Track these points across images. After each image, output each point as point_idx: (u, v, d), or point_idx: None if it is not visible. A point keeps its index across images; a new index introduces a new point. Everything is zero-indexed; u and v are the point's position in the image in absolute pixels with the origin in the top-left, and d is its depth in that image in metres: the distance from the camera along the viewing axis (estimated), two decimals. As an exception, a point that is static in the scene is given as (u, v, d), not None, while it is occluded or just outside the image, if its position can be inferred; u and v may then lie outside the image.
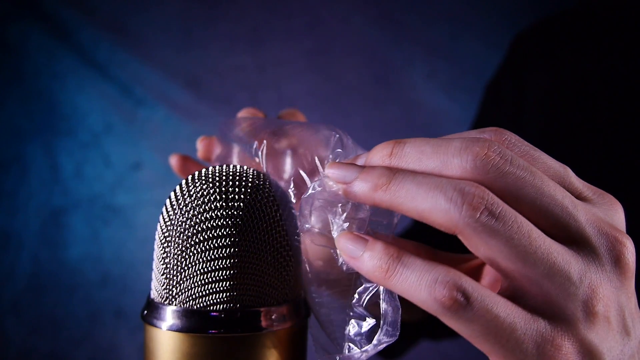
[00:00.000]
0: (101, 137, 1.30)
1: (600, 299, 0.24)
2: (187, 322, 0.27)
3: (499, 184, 0.25)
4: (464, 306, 0.23)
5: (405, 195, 0.25)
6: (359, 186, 0.27)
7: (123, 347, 1.30)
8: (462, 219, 0.24)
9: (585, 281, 0.24)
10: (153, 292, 0.30)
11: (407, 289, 0.25)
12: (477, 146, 0.25)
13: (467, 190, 0.24)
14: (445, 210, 0.24)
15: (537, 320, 0.24)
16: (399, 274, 0.25)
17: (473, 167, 0.25)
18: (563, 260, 0.24)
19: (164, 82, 1.32)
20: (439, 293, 0.24)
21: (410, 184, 0.25)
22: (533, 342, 0.24)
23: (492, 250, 0.24)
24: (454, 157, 0.25)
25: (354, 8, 1.33)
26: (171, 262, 0.28)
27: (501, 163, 0.25)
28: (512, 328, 0.24)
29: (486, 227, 0.24)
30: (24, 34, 1.28)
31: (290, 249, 0.30)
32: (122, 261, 1.30)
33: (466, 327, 0.24)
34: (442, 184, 0.24)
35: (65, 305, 1.29)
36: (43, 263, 1.28)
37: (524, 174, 0.25)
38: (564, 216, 0.25)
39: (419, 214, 0.25)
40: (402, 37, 1.31)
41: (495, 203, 0.24)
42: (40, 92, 1.29)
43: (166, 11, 1.32)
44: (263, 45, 1.33)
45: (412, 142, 0.27)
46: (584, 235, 0.25)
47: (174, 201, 0.29)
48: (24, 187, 1.29)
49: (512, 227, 0.24)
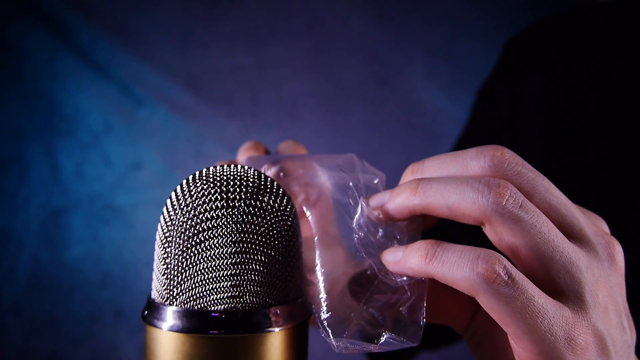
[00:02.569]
0: (101, 137, 1.31)
1: (602, 289, 0.26)
2: (188, 323, 0.27)
3: (515, 180, 0.27)
4: (506, 282, 0.24)
5: (434, 194, 0.27)
6: (392, 203, 0.29)
7: (123, 347, 1.30)
8: (491, 206, 0.25)
9: (590, 272, 0.26)
10: (154, 293, 0.30)
11: (448, 269, 0.26)
12: (492, 149, 0.27)
13: (492, 181, 0.26)
14: (473, 200, 0.26)
15: (561, 306, 0.25)
16: (439, 256, 0.26)
17: (491, 166, 0.27)
18: (573, 251, 0.26)
19: (164, 82, 1.32)
20: (482, 268, 0.24)
21: (437, 184, 0.27)
22: (561, 327, 0.24)
23: (516, 237, 0.25)
24: (472, 160, 0.27)
25: (354, 8, 1.33)
26: (172, 262, 0.28)
27: (515, 163, 0.27)
28: (545, 310, 0.24)
29: (512, 214, 0.25)
30: (24, 34, 1.28)
31: (291, 249, 0.30)
32: (122, 261, 1.30)
33: (506, 304, 0.24)
34: (468, 179, 0.26)
35: (65, 305, 1.29)
36: (43, 263, 1.28)
37: (534, 175, 0.27)
38: (569, 215, 0.27)
39: (449, 208, 0.27)
40: (402, 37, 1.31)
41: (518, 193, 0.26)
42: (40, 92, 1.29)
43: (166, 11, 1.32)
44: (263, 45, 1.33)
45: (431, 158, 0.29)
46: (586, 234, 0.27)
47: (174, 201, 0.29)
48: (24, 187, 1.29)
49: (534, 216, 0.25)
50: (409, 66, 1.31)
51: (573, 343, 0.24)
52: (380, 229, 0.31)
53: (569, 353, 0.24)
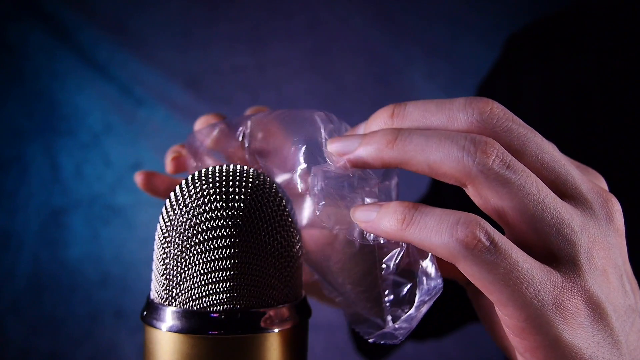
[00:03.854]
0: (101, 137, 1.31)
1: (599, 251, 0.24)
2: (187, 323, 0.27)
3: (504, 138, 0.25)
4: (487, 247, 0.23)
5: (414, 148, 0.25)
6: (363, 150, 0.26)
7: (123, 347, 1.30)
8: (476, 166, 0.23)
9: (585, 233, 0.24)
10: (153, 293, 0.30)
11: (426, 236, 0.24)
12: (482, 102, 0.25)
13: (479, 139, 0.24)
14: (457, 159, 0.24)
15: (550, 270, 0.23)
16: (416, 221, 0.24)
17: (479, 121, 0.25)
18: (566, 211, 0.24)
19: (164, 82, 1.32)
20: (462, 233, 0.23)
21: (419, 137, 0.25)
22: (548, 293, 0.23)
23: (503, 199, 0.24)
24: (459, 111, 0.25)
25: (354, 8, 1.33)
26: (171, 262, 0.28)
27: (505, 118, 0.25)
28: (531, 276, 0.23)
29: (499, 175, 0.23)
30: (24, 34, 1.28)
31: (291, 249, 0.30)
32: (122, 261, 1.30)
33: (488, 271, 0.23)
34: (453, 135, 0.24)
35: (65, 305, 1.29)
36: (43, 263, 1.28)
37: (526, 131, 0.25)
38: (563, 173, 0.25)
39: (430, 166, 0.24)
40: (402, 37, 1.31)
41: (505, 152, 0.24)
42: (40, 92, 1.29)
43: (166, 11, 1.32)
44: (263, 45, 1.33)
45: (415, 102, 0.27)
46: (581, 192, 0.25)
47: (173, 201, 0.29)
48: (24, 187, 1.29)
49: (522, 176, 0.24)
50: (409, 66, 1.31)
51: (562, 308, 0.23)
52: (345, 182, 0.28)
53: (558, 319, 0.23)
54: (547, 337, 0.23)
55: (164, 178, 0.47)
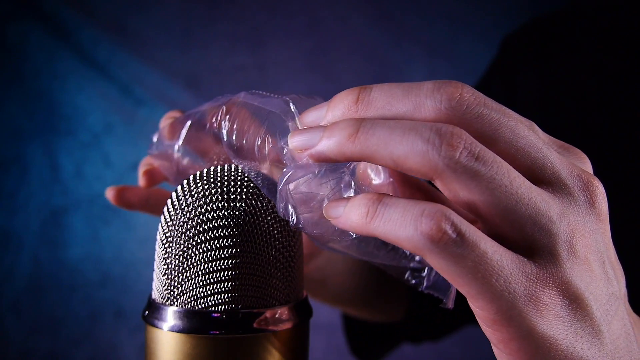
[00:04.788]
0: (101, 137, 1.30)
1: (580, 239, 0.23)
2: (189, 323, 0.27)
3: (475, 125, 0.24)
4: (454, 240, 0.22)
5: (377, 142, 0.23)
6: (324, 145, 0.25)
7: (123, 347, 1.30)
8: (442, 160, 0.22)
9: (564, 221, 0.23)
10: (154, 293, 0.30)
11: (391, 229, 0.23)
12: (451, 87, 0.24)
13: (445, 130, 0.22)
14: (422, 153, 0.22)
15: (523, 261, 0.23)
16: (380, 214, 0.23)
17: (448, 108, 0.23)
18: (543, 200, 0.23)
19: (164, 82, 1.32)
20: (426, 226, 0.22)
21: (382, 129, 0.23)
22: (521, 283, 0.22)
23: (473, 193, 0.23)
24: (427, 98, 0.24)
25: (354, 8, 1.33)
26: (172, 262, 0.28)
27: (476, 103, 0.24)
28: (500, 266, 0.22)
29: (467, 169, 0.22)
30: (24, 34, 1.28)
31: (292, 249, 0.30)
32: (122, 261, 1.30)
33: (455, 264, 0.22)
34: (417, 126, 0.23)
35: (65, 305, 1.29)
36: (43, 263, 1.28)
37: (498, 116, 0.24)
38: (540, 157, 0.24)
39: (394, 160, 0.23)
40: (402, 37, 1.31)
41: (474, 143, 0.23)
42: (40, 92, 1.29)
43: (166, 11, 1.32)
44: (263, 45, 1.33)
45: (380, 86, 0.25)
46: (560, 177, 0.24)
47: (175, 201, 0.29)
48: (24, 187, 1.28)
49: (493, 168, 0.22)
50: (409, 66, 1.31)
51: (536, 300, 0.22)
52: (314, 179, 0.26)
53: (531, 310, 0.22)
54: (519, 328, 0.22)
55: (136, 191, 0.47)
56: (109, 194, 0.46)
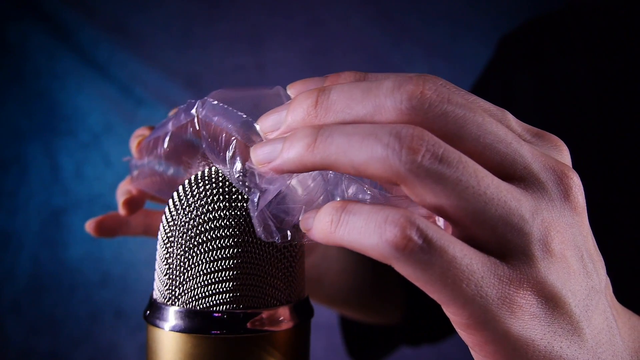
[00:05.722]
0: (101, 137, 1.31)
1: (555, 236, 0.22)
2: (190, 323, 0.27)
3: (438, 123, 0.22)
4: (420, 246, 0.21)
5: (335, 150, 0.22)
6: (285, 157, 0.24)
7: (123, 347, 1.30)
8: (403, 165, 0.21)
9: (538, 218, 0.22)
10: (155, 293, 0.30)
11: (355, 237, 0.22)
12: (412, 84, 0.22)
13: (405, 132, 0.21)
14: (383, 159, 0.21)
15: (496, 263, 0.22)
16: (344, 222, 0.22)
17: (409, 108, 0.22)
18: (513, 198, 0.22)
19: (164, 82, 1.32)
20: (390, 233, 0.21)
21: (340, 136, 0.22)
22: (493, 286, 0.22)
23: (439, 197, 0.21)
24: (387, 98, 0.22)
25: (354, 8, 1.33)
26: (174, 262, 0.28)
27: (438, 101, 0.22)
28: (470, 270, 0.21)
29: (430, 172, 0.21)
30: (24, 34, 1.28)
31: (293, 249, 0.30)
32: (122, 261, 1.30)
33: (423, 271, 0.21)
34: (376, 131, 0.22)
35: (65, 305, 1.29)
36: (43, 263, 1.28)
37: (463, 111, 0.22)
38: (510, 153, 0.23)
39: (356, 168, 0.22)
40: (402, 37, 1.31)
41: (437, 144, 0.21)
42: (40, 92, 1.29)
43: (166, 11, 1.32)
44: (263, 45, 1.33)
45: (339, 87, 0.24)
46: (532, 171, 0.23)
47: (176, 201, 0.29)
48: (24, 187, 1.29)
49: (458, 169, 0.21)
50: (409, 66, 1.31)
51: (510, 302, 0.22)
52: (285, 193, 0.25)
53: (505, 313, 0.22)
54: (494, 332, 0.22)
55: (113, 216, 0.46)
56: (89, 227, 0.45)
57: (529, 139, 0.25)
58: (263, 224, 0.25)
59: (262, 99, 0.28)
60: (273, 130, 0.25)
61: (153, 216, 0.49)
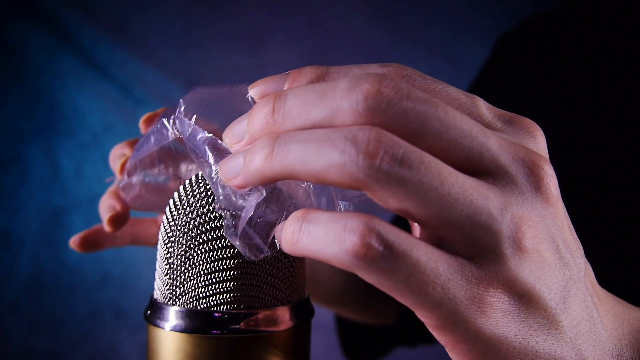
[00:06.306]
0: (101, 137, 1.31)
1: (527, 231, 0.22)
2: (191, 323, 0.28)
3: (398, 122, 0.21)
4: (381, 253, 0.20)
5: (293, 159, 0.21)
6: (246, 171, 0.23)
7: (123, 347, 1.30)
8: (362, 171, 0.20)
9: (507, 214, 0.21)
10: (156, 293, 0.30)
11: (316, 248, 0.21)
12: (367, 83, 0.21)
13: (361, 136, 0.20)
14: (340, 166, 0.20)
15: (463, 264, 0.21)
16: (305, 232, 0.22)
17: (366, 108, 0.21)
18: (480, 195, 0.21)
19: (164, 82, 1.32)
20: (350, 242, 0.20)
21: (296, 144, 0.21)
22: (461, 288, 0.21)
23: (402, 201, 0.21)
24: (343, 100, 0.21)
25: (354, 8, 1.33)
26: (175, 262, 0.28)
27: (397, 98, 0.21)
28: (436, 274, 0.21)
29: (390, 176, 0.20)
30: (24, 34, 1.28)
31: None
32: (122, 261, 1.30)
33: (387, 278, 0.20)
34: (332, 136, 0.21)
35: (65, 305, 1.29)
36: (43, 263, 1.28)
37: (424, 107, 0.21)
38: (476, 147, 0.22)
39: (315, 177, 0.21)
40: (402, 37, 1.32)
41: (396, 145, 0.20)
42: (40, 92, 1.29)
43: (166, 11, 1.32)
44: (263, 45, 1.33)
45: (295, 92, 0.23)
46: (499, 164, 0.22)
47: (177, 201, 0.29)
48: (24, 187, 1.29)
49: (420, 170, 0.20)
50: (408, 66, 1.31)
51: (479, 302, 0.21)
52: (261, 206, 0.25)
53: (476, 313, 0.21)
54: (465, 332, 0.22)
55: (97, 230, 0.46)
56: (73, 244, 0.45)
57: (500, 126, 0.24)
58: (247, 245, 0.25)
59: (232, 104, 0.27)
60: (238, 141, 0.25)
61: (139, 225, 0.48)
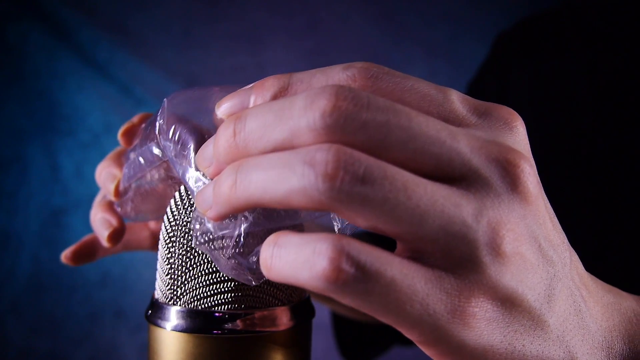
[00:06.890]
0: (101, 137, 1.31)
1: (506, 235, 0.21)
2: (192, 323, 0.28)
3: (360, 136, 0.20)
4: (354, 275, 0.19)
5: (255, 188, 0.21)
6: (217, 203, 0.23)
7: (123, 347, 1.30)
8: (323, 194, 0.19)
9: (483, 220, 0.21)
10: (157, 292, 0.30)
11: (289, 273, 0.20)
12: (324, 98, 0.20)
13: (318, 158, 0.19)
14: (301, 191, 0.19)
15: (442, 277, 0.20)
16: (277, 258, 0.21)
17: (324, 127, 0.20)
18: (452, 204, 0.20)
19: (164, 82, 1.32)
20: (320, 266, 0.19)
21: (257, 172, 0.21)
22: (441, 302, 0.20)
23: (370, 219, 0.20)
24: (300, 118, 0.20)
25: (354, 8, 1.33)
26: (176, 262, 0.28)
27: (355, 111, 0.20)
28: (413, 290, 0.20)
29: (353, 196, 0.19)
30: (24, 34, 1.28)
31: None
32: (122, 261, 1.30)
33: (363, 300, 0.20)
34: (290, 161, 0.20)
35: (65, 305, 1.29)
36: (43, 263, 1.28)
37: (386, 117, 0.20)
38: (445, 152, 0.21)
39: (279, 203, 0.20)
40: (402, 37, 1.32)
41: (357, 162, 0.19)
42: (40, 92, 1.29)
43: (166, 11, 1.32)
44: (263, 45, 1.33)
45: (254, 113, 0.22)
46: (472, 168, 0.21)
47: (178, 201, 0.29)
48: (24, 187, 1.29)
49: (384, 185, 0.19)
50: (409, 66, 1.31)
51: (461, 314, 0.20)
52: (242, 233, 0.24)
53: (458, 326, 0.21)
54: (449, 346, 0.21)
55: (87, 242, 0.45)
56: (65, 258, 0.44)
57: (475, 121, 0.23)
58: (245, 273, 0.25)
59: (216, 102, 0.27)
60: (209, 165, 0.24)
61: (129, 231, 0.47)
